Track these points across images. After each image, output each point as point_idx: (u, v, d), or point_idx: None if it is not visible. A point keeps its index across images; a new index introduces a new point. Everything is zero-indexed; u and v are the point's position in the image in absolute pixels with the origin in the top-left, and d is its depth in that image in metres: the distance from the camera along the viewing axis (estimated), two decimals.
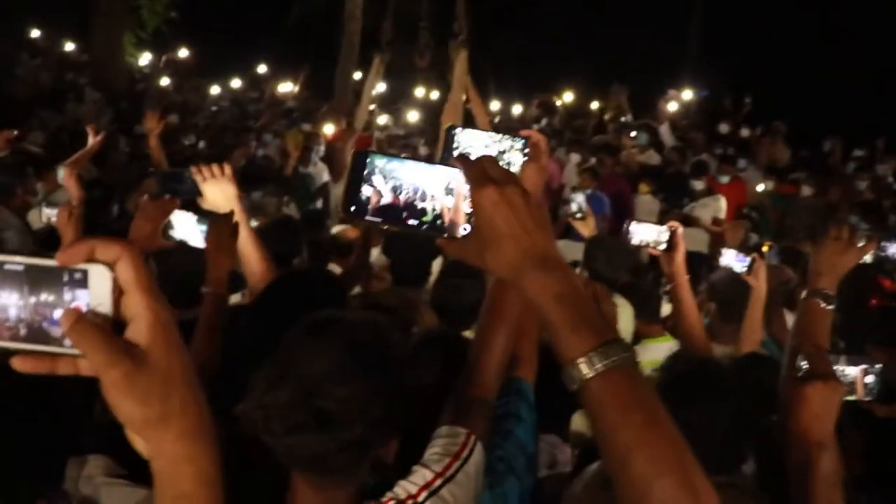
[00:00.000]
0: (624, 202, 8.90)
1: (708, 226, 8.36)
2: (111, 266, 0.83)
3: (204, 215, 2.58)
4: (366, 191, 1.12)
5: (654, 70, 12.77)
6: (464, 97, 7.13)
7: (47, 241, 3.95)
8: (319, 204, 8.29)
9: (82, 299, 0.83)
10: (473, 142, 1.90)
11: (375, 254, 5.42)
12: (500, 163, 1.90)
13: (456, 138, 1.90)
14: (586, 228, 4.40)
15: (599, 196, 8.37)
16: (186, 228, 2.59)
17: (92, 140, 5.47)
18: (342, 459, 1.46)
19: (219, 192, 2.69)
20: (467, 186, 1.10)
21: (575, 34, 15.48)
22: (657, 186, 8.86)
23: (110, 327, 0.83)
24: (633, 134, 10.07)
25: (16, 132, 5.88)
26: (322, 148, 9.52)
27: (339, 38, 12.44)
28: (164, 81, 13.01)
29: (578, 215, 4.45)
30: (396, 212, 1.13)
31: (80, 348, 0.81)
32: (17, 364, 0.82)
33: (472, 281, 3.25)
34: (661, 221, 8.42)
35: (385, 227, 1.12)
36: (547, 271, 1.04)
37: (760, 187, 9.14)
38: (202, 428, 0.88)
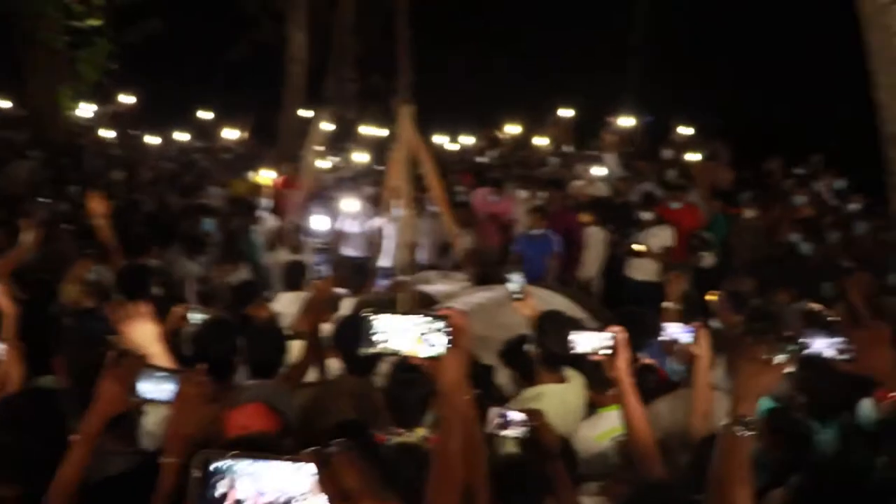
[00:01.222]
0: (574, 236, 8.97)
1: (657, 256, 8.47)
2: None
3: (172, 371, 2.46)
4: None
5: (598, 97, 12.88)
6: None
7: None
8: None
9: None
10: (391, 327, 1.91)
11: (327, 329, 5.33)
12: (423, 344, 1.93)
13: (373, 325, 1.91)
14: (527, 308, 4.40)
15: (548, 236, 8.43)
16: (154, 385, 2.42)
17: (24, 237, 5.31)
18: None
19: (137, 331, 2.65)
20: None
21: (518, 65, 15.57)
22: (602, 217, 8.95)
23: None
24: (599, 171, 10.12)
25: None
26: (265, 201, 9.39)
27: (283, 79, 12.36)
28: (106, 133, 12.79)
29: (516, 296, 4.46)
30: None
31: None
32: None
33: (423, 375, 3.26)
34: (611, 253, 8.56)
35: None
36: None
37: None
38: None
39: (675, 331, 3.64)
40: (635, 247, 8.54)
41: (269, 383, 3.60)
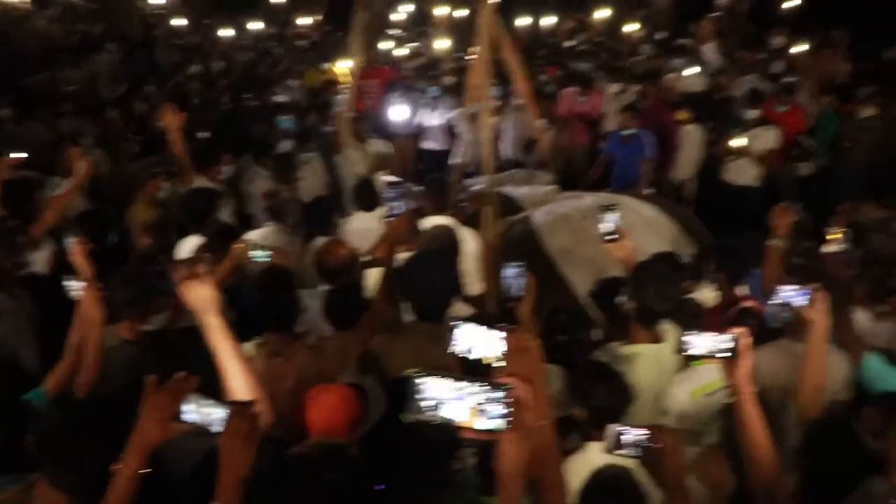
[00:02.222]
0: (669, 134, 8.36)
1: (758, 157, 7.83)
2: None
3: (220, 402, 2.23)
4: None
5: None
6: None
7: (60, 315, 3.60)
8: None
9: None
10: (443, 393, 1.63)
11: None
12: (479, 416, 1.63)
13: (422, 389, 1.63)
14: (621, 251, 3.99)
15: (641, 136, 7.86)
16: (201, 412, 2.20)
17: (77, 166, 5.14)
18: None
19: (196, 293, 2.42)
20: None
21: None
22: (700, 114, 8.26)
23: None
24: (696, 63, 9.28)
25: (23, 155, 5.39)
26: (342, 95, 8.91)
27: None
28: (179, 23, 12.40)
29: (610, 237, 4.03)
30: None
31: None
32: None
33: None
34: (708, 153, 7.94)
35: None
36: None
37: None
38: None
39: (789, 293, 3.20)
40: (734, 143, 7.87)
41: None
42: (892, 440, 2.44)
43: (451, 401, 1.63)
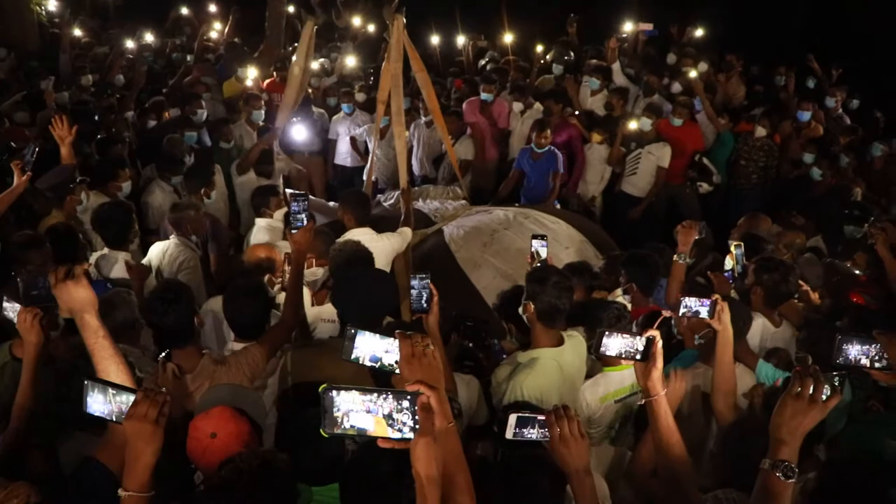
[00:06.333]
0: (573, 149, 8.57)
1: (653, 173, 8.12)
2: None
3: (127, 389, 2.20)
4: None
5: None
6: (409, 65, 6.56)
7: None
8: None
9: None
10: (355, 404, 1.69)
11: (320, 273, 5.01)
12: (390, 425, 1.69)
13: (332, 402, 1.68)
14: None
15: (552, 152, 8.00)
16: (114, 400, 2.16)
17: (17, 180, 4.93)
18: None
19: (72, 294, 2.42)
20: None
21: None
22: (609, 133, 8.49)
23: None
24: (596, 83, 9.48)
25: None
26: (262, 112, 8.74)
27: None
28: (79, 32, 11.91)
29: (538, 264, 4.14)
30: None
31: None
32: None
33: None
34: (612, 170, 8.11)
35: None
36: None
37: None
38: None
39: (693, 304, 3.33)
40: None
41: (231, 386, 3.29)
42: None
43: (362, 413, 1.69)
